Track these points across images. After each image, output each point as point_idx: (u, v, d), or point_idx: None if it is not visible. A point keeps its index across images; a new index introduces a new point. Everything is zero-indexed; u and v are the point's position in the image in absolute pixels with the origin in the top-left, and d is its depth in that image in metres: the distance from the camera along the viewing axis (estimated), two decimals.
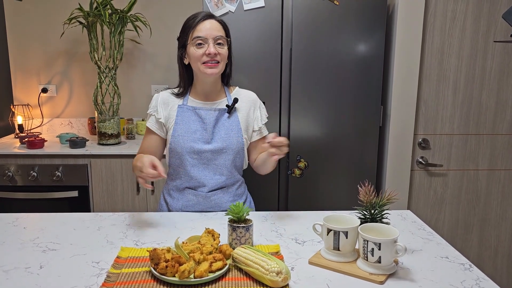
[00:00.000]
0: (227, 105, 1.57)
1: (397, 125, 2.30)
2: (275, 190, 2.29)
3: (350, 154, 2.27)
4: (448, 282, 1.06)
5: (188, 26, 1.52)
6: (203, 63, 1.49)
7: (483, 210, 2.45)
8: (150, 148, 1.60)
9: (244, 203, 1.65)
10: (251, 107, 1.63)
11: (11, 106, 2.99)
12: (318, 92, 2.21)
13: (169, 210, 1.63)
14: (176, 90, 1.62)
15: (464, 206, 2.44)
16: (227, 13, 2.12)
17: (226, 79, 1.63)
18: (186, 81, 1.60)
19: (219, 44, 1.50)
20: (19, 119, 2.91)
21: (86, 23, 2.51)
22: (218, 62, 1.50)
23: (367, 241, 1.07)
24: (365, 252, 1.08)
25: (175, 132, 1.55)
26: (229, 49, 1.56)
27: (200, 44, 1.48)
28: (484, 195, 2.43)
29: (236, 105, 1.58)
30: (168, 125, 1.58)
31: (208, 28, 1.49)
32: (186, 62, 1.56)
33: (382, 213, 1.20)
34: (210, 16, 1.53)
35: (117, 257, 1.17)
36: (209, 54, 1.47)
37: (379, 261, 1.07)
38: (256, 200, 1.85)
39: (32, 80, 3.03)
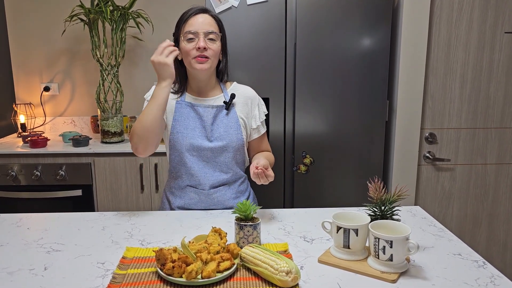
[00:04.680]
0: (224, 102, 1.54)
1: (404, 119, 2.26)
2: (281, 186, 2.27)
3: (356, 149, 2.24)
4: (462, 280, 1.03)
5: (180, 21, 1.50)
6: (194, 57, 1.46)
7: (492, 205, 2.41)
8: None
9: (247, 199, 1.63)
10: (249, 104, 1.59)
11: (14, 105, 2.97)
12: (323, 87, 2.18)
13: (171, 208, 1.61)
14: (171, 86, 1.58)
15: (472, 201, 2.40)
16: (230, 8, 2.09)
17: (221, 75, 1.60)
18: (183, 77, 1.57)
19: (210, 39, 1.47)
20: (21, 118, 2.89)
21: (87, 20, 2.49)
22: (208, 58, 1.46)
23: (378, 238, 1.05)
24: (376, 250, 1.06)
25: (173, 129, 1.52)
26: (224, 45, 1.54)
27: (191, 38, 1.46)
28: (493, 189, 2.40)
29: (233, 100, 1.55)
30: (167, 119, 1.55)
31: (199, 23, 1.46)
32: (180, 57, 1.52)
33: (393, 209, 1.17)
34: (204, 10, 1.50)
35: (123, 257, 1.15)
36: (198, 48, 1.44)
37: (390, 259, 1.04)
38: (261, 197, 1.83)
39: (34, 79, 3.01)
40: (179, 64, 1.55)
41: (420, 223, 1.39)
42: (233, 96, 1.54)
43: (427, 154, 2.34)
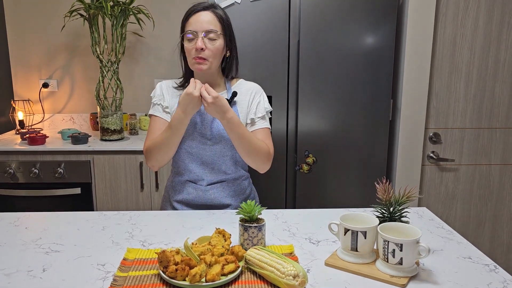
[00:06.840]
0: (226, 99, 1.50)
1: (408, 119, 2.23)
2: (283, 186, 2.24)
3: (359, 149, 2.21)
4: (473, 284, 1.00)
5: (183, 18, 1.47)
6: (193, 58, 1.43)
7: (496, 206, 2.39)
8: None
9: (247, 199, 1.60)
10: (250, 96, 1.55)
11: (12, 102, 2.93)
12: (326, 85, 2.14)
13: (170, 203, 1.60)
14: (178, 81, 1.58)
15: (476, 202, 2.38)
16: (232, 4, 2.06)
17: (226, 72, 1.56)
18: (188, 72, 1.55)
19: (210, 39, 1.42)
20: (19, 115, 2.85)
21: (87, 16, 2.45)
22: (205, 59, 1.42)
23: (388, 241, 1.01)
24: (385, 253, 1.03)
25: None
26: (230, 42, 1.49)
27: (190, 38, 1.43)
28: (497, 190, 2.37)
29: (236, 98, 1.52)
30: (171, 114, 1.54)
31: (199, 21, 1.41)
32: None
33: (402, 211, 1.14)
34: (207, 7, 1.45)
35: (124, 259, 1.12)
36: (196, 49, 1.41)
37: (400, 263, 1.01)
38: (263, 196, 1.80)
39: (32, 75, 2.97)
40: (185, 59, 1.53)
41: (428, 225, 1.36)
42: (234, 94, 1.49)
43: (431, 154, 2.31)
